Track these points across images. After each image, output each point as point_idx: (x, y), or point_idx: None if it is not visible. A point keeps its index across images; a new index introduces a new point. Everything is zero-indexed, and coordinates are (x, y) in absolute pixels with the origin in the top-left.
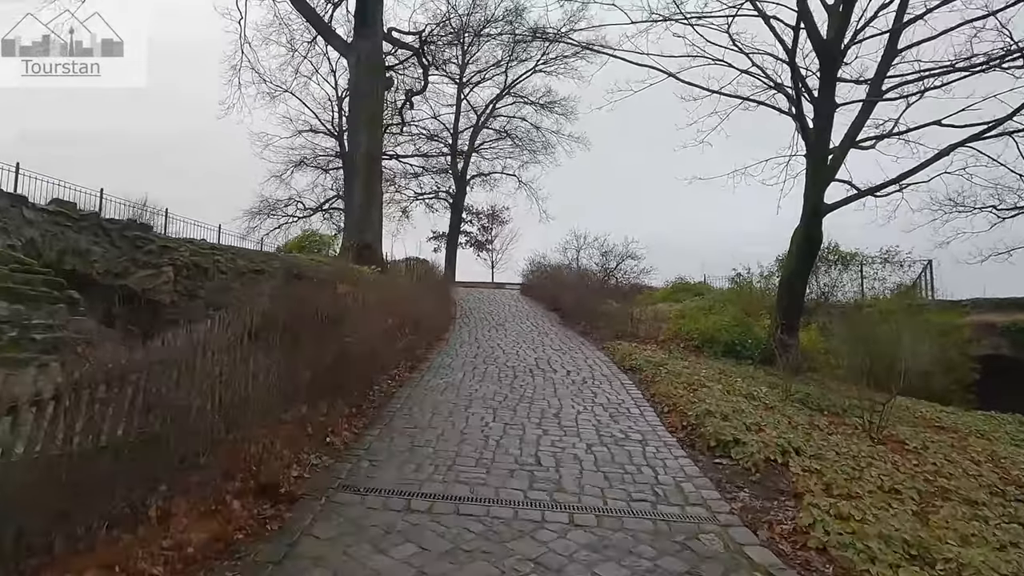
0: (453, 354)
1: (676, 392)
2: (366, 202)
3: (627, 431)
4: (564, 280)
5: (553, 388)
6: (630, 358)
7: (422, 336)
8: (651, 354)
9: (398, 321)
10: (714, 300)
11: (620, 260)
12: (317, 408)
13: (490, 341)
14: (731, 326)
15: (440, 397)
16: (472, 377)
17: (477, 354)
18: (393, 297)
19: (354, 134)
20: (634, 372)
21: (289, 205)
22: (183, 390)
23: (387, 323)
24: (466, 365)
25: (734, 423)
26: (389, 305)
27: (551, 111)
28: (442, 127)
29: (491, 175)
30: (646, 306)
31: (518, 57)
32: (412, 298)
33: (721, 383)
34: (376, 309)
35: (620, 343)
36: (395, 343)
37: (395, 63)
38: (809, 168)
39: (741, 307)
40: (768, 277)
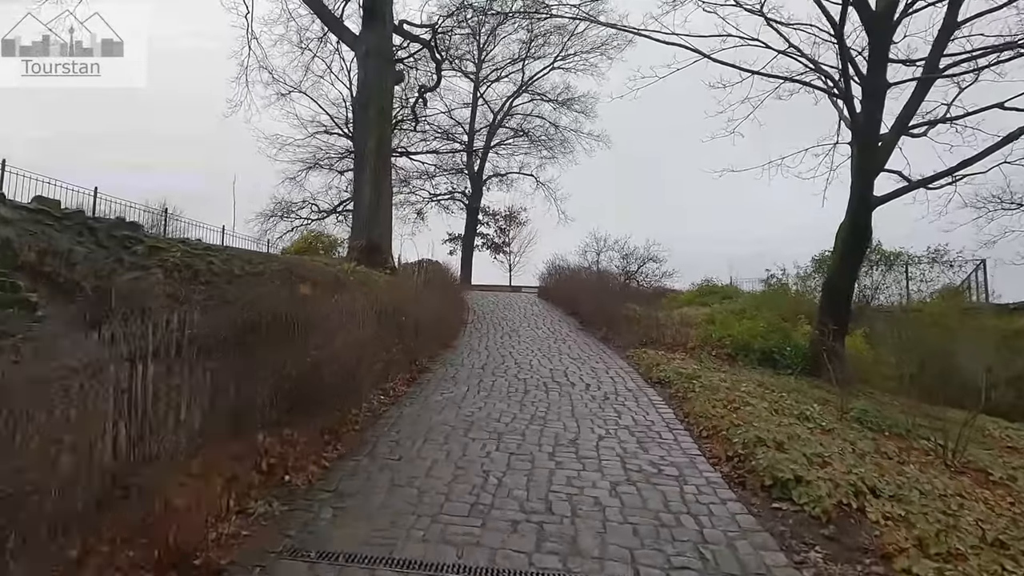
0: (459, 364)
1: (715, 411)
2: (374, 200)
3: (659, 463)
4: (583, 283)
5: (570, 406)
6: (657, 369)
7: (427, 344)
8: (680, 364)
9: (397, 328)
10: (746, 304)
11: (641, 263)
12: (280, 433)
13: (502, 349)
14: (767, 332)
15: (437, 417)
16: (477, 392)
17: (486, 364)
18: (395, 301)
19: (362, 129)
20: (663, 386)
21: (304, 208)
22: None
23: (379, 330)
24: (472, 377)
25: (791, 454)
26: (391, 310)
27: (570, 108)
28: (456, 125)
29: (508, 175)
30: (671, 310)
31: (535, 54)
32: (418, 302)
33: (766, 400)
34: (370, 314)
35: (645, 351)
36: (388, 353)
37: (406, 56)
38: (856, 156)
39: (776, 311)
40: (805, 278)
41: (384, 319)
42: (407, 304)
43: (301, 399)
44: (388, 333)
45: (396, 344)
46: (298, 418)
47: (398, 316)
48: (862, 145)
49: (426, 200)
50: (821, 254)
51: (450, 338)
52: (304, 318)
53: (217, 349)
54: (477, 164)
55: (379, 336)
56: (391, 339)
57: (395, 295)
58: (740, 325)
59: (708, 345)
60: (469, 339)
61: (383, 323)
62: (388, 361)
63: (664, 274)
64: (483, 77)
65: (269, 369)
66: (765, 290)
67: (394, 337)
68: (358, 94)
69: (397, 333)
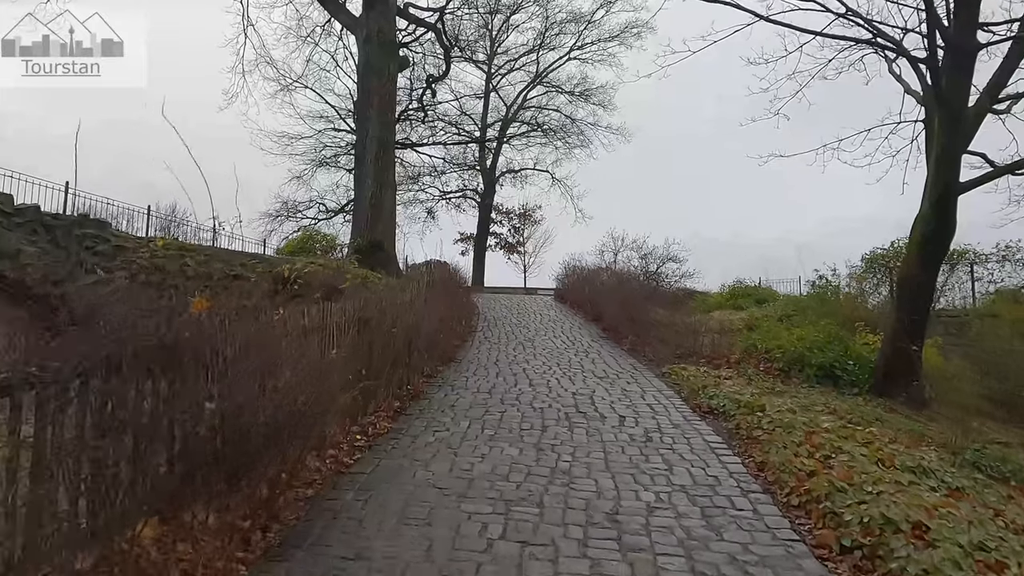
0: (462, 386)
1: (800, 462)
2: (377, 194)
3: (743, 559)
4: (604, 285)
5: (602, 451)
6: (704, 392)
7: (424, 360)
8: (731, 385)
9: (381, 346)
10: (788, 308)
11: (661, 263)
12: (180, 519)
13: (514, 365)
14: (824, 343)
15: (423, 474)
16: (481, 429)
17: (494, 386)
18: (387, 310)
19: (363, 118)
20: (717, 417)
21: (311, 207)
22: None
23: (360, 349)
24: (475, 406)
25: (945, 548)
26: (380, 321)
27: (587, 101)
28: (464, 115)
29: (522, 171)
30: (701, 314)
31: (550, 43)
32: (417, 310)
33: (857, 440)
34: (348, 329)
35: (684, 368)
36: (369, 377)
37: (411, 40)
38: (939, 134)
39: (828, 317)
40: (861, 279)
41: (368, 333)
42: (403, 313)
43: (208, 463)
44: (371, 352)
45: (380, 366)
46: (208, 491)
47: (388, 328)
48: (949, 120)
49: (436, 198)
50: (872, 252)
51: (454, 350)
52: (206, 347)
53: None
54: (489, 160)
55: (359, 356)
56: (376, 359)
57: (386, 303)
58: (789, 334)
59: (753, 357)
60: (477, 352)
61: (365, 339)
62: (368, 389)
63: (685, 274)
64: (495, 69)
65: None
66: (813, 292)
67: (379, 356)
68: (360, 80)
69: (383, 351)
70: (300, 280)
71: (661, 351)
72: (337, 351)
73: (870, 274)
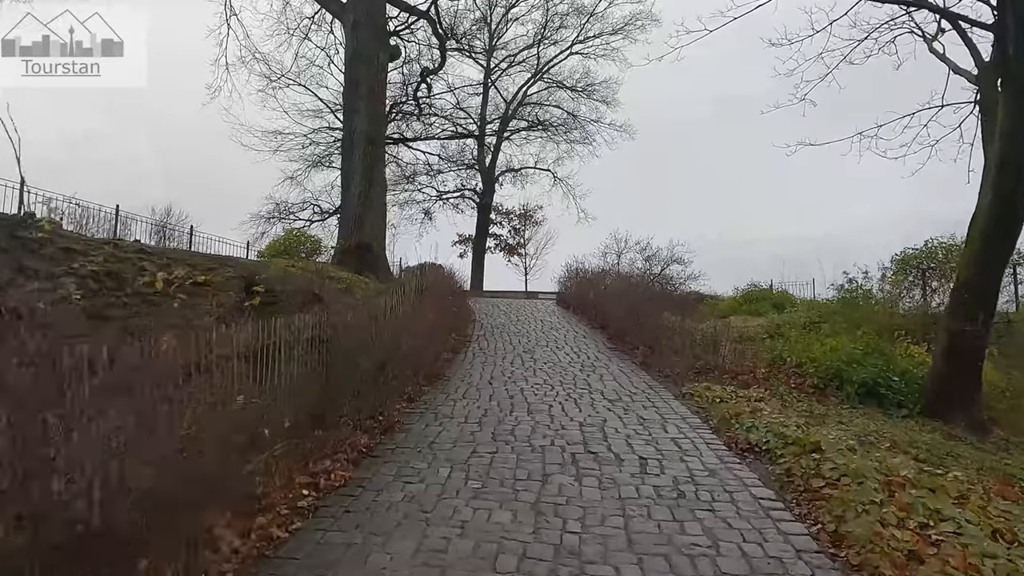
0: (447, 415)
1: (891, 536)
2: (364, 193)
3: None
4: (609, 289)
5: (621, 517)
6: (738, 421)
7: (406, 379)
8: (767, 410)
9: (339, 376)
10: (812, 313)
11: (665, 264)
12: None
13: (510, 384)
14: (864, 356)
15: (374, 564)
16: (464, 481)
17: (486, 414)
18: (357, 324)
19: (350, 111)
20: (759, 457)
21: (305, 208)
22: None
23: (306, 382)
24: (460, 445)
25: None
26: (342, 338)
27: (590, 97)
28: (459, 109)
29: (522, 170)
30: (714, 320)
31: (551, 37)
32: (399, 322)
33: (952, 495)
34: (295, 352)
35: (708, 386)
36: (312, 422)
37: (402, 27)
38: (1005, 113)
39: (861, 325)
40: (898, 281)
41: (331, 353)
42: (383, 326)
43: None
44: (329, 379)
45: (340, 395)
46: None
47: (358, 346)
48: (1016, 95)
49: (433, 198)
50: (904, 252)
51: (444, 366)
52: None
53: None
54: (488, 158)
55: (310, 386)
56: (335, 388)
57: (360, 314)
58: (822, 345)
59: (781, 372)
60: (470, 366)
61: (323, 361)
62: (329, 423)
63: (690, 276)
64: (494, 65)
65: None
66: (840, 297)
67: (340, 384)
68: (347, 70)
69: (345, 376)
70: (272, 287)
71: (677, 364)
72: (247, 398)
73: (902, 276)
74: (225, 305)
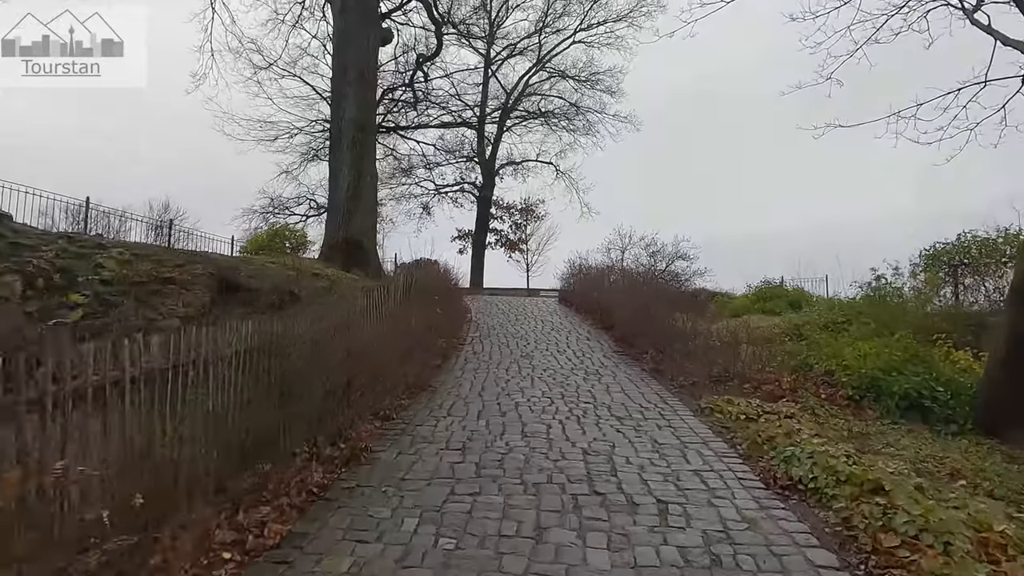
0: (426, 437)
1: None
2: (354, 184)
3: None
4: (616, 286)
5: None
6: (772, 447)
7: (382, 393)
8: (808, 434)
9: (286, 395)
10: (838, 314)
11: (670, 260)
12: None
13: (504, 397)
14: (903, 362)
15: None
16: (434, 541)
17: (471, 438)
18: (321, 335)
19: (339, 98)
20: (805, 499)
21: (301, 203)
22: None
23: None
24: (436, 483)
25: None
26: (297, 348)
27: (593, 87)
28: (457, 97)
29: (524, 163)
30: (725, 320)
31: (553, 25)
32: (371, 327)
33: None
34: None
35: (729, 400)
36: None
37: (395, 9)
38: None
39: (890, 326)
40: (936, 280)
41: (278, 373)
42: (352, 334)
43: None
44: (270, 398)
45: (286, 420)
46: None
47: (315, 361)
48: None
49: (431, 192)
50: (933, 247)
51: (431, 374)
52: None
53: None
54: (488, 150)
55: (249, 411)
56: (278, 411)
57: (324, 321)
58: (853, 349)
59: (809, 380)
60: (459, 375)
61: (263, 379)
62: (261, 475)
63: (696, 273)
64: (495, 54)
65: None
66: (869, 295)
67: (285, 406)
68: (335, 54)
69: (294, 395)
70: (246, 285)
71: (691, 370)
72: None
73: (933, 273)
74: (193, 304)
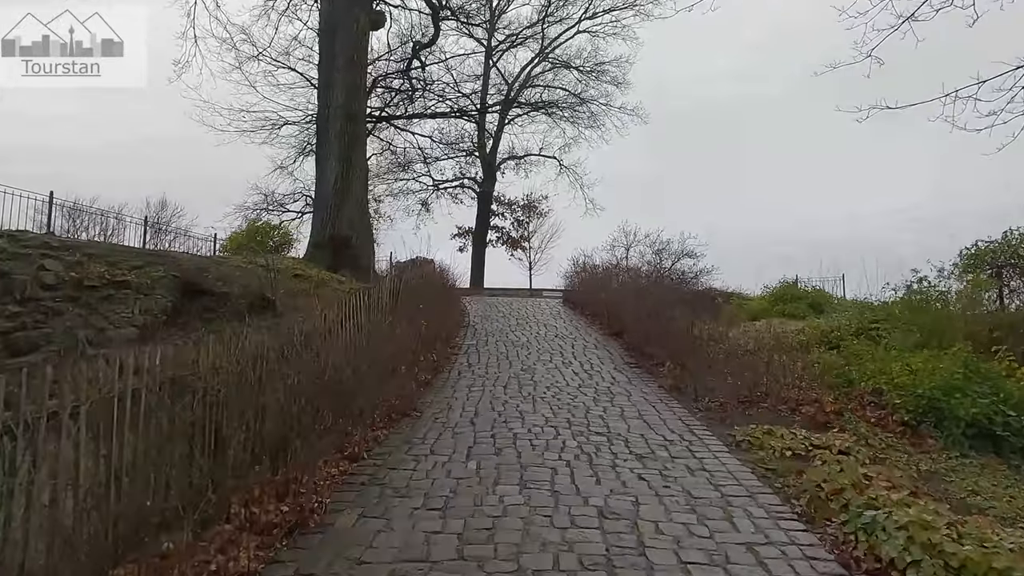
0: (396, 495)
1: None
2: (342, 178)
3: None
4: (625, 287)
5: None
6: (838, 502)
7: (351, 424)
8: (885, 486)
9: (205, 448)
10: (870, 319)
11: (676, 258)
12: None
13: (500, 427)
14: (965, 380)
15: None
16: None
17: (456, 491)
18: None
19: (326, 84)
20: None
21: (297, 200)
22: None
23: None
24: (405, 557)
25: None
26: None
27: (598, 79)
28: (455, 87)
29: (526, 158)
30: (743, 324)
31: (556, 15)
32: (356, 342)
33: None
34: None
35: (768, 429)
36: None
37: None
38: None
39: (933, 333)
40: (985, 282)
41: (201, 416)
42: (321, 354)
43: None
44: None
45: (220, 480)
46: None
47: (252, 397)
48: None
49: (430, 188)
50: (976, 246)
51: (416, 394)
52: None
53: None
54: (489, 144)
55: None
56: (189, 470)
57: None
58: (903, 363)
59: (852, 399)
60: (450, 395)
61: (194, 429)
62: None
63: (703, 271)
64: (496, 44)
65: None
66: (907, 298)
67: (198, 463)
68: (322, 37)
69: (221, 446)
70: (213, 289)
71: (715, 385)
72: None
73: (977, 274)
74: (151, 311)
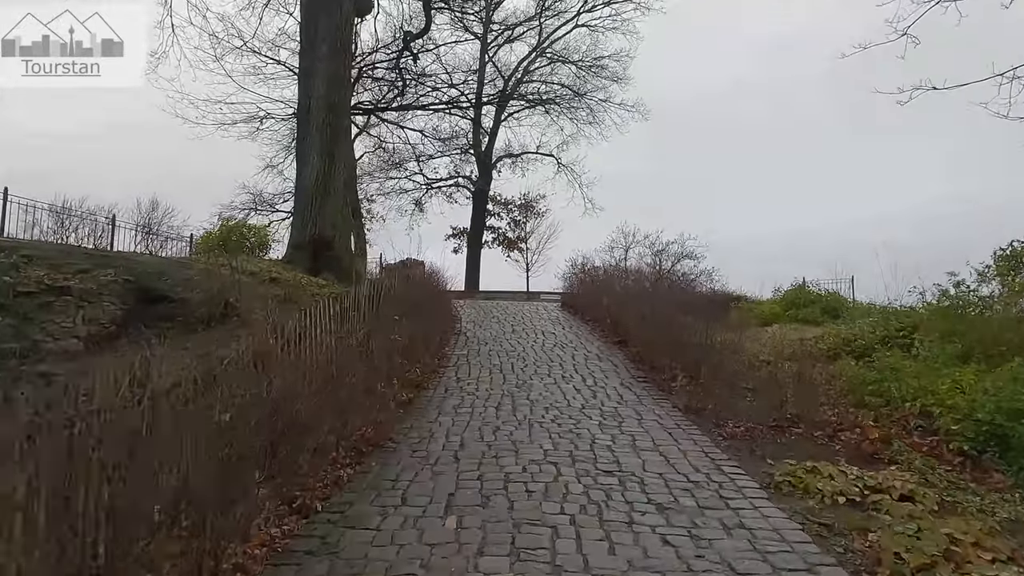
0: (350, 573)
1: None
2: (324, 174)
3: None
4: (631, 292)
5: None
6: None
7: (313, 462)
8: (986, 559)
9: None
10: (897, 326)
11: (676, 260)
12: None
13: (490, 466)
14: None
15: None
16: None
17: (427, 564)
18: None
19: (307, 75)
20: None
21: (287, 200)
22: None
23: None
24: None
25: None
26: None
27: (597, 75)
28: (458, 91)
29: (523, 155)
30: (753, 328)
31: (554, 8)
32: (317, 361)
33: None
34: None
35: (812, 466)
36: None
37: None
38: None
39: (982, 344)
40: (1014, 280)
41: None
42: (265, 382)
43: None
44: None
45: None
46: None
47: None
48: None
49: (423, 187)
50: (1011, 247)
51: (392, 420)
52: None
53: None
54: (485, 142)
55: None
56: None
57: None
58: (954, 381)
59: (895, 422)
60: (434, 419)
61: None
62: None
63: (703, 273)
64: (491, 39)
65: None
66: (940, 305)
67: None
68: (303, 23)
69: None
70: (171, 295)
71: (736, 405)
72: None
73: (1007, 276)
74: (97, 320)
